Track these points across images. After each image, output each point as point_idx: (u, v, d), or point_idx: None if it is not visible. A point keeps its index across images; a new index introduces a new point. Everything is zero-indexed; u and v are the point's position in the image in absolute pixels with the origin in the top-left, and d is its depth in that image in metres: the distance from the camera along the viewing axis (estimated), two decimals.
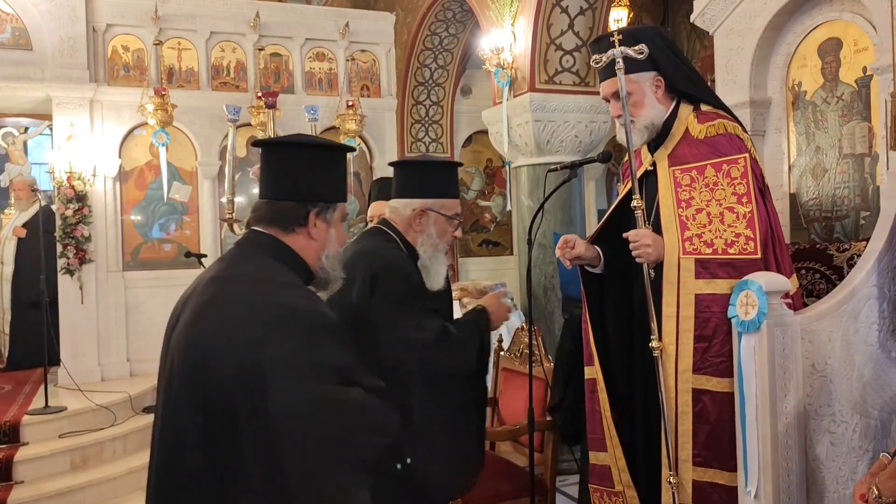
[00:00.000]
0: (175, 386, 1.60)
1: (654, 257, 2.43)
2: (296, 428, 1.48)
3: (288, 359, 1.50)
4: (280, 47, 7.80)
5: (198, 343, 1.58)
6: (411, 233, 2.49)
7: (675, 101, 2.54)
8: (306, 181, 1.75)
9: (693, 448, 2.39)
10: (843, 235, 3.12)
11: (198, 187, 7.43)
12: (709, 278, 2.37)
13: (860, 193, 3.07)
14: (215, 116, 7.17)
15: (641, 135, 2.52)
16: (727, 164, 2.40)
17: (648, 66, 2.46)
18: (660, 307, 2.44)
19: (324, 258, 1.79)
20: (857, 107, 3.06)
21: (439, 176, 2.56)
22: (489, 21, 6.05)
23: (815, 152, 3.25)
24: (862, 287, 2.46)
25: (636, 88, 2.47)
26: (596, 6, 5.52)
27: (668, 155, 2.54)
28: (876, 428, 2.46)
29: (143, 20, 7.14)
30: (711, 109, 2.53)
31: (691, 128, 2.50)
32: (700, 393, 2.38)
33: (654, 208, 2.55)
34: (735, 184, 2.38)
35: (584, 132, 5.62)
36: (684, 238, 2.43)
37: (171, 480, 1.58)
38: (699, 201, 2.43)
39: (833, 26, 3.12)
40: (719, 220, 2.39)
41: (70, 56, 6.76)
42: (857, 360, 2.44)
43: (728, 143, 2.43)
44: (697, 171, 2.46)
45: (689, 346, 2.40)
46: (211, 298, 1.63)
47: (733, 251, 2.35)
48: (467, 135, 8.76)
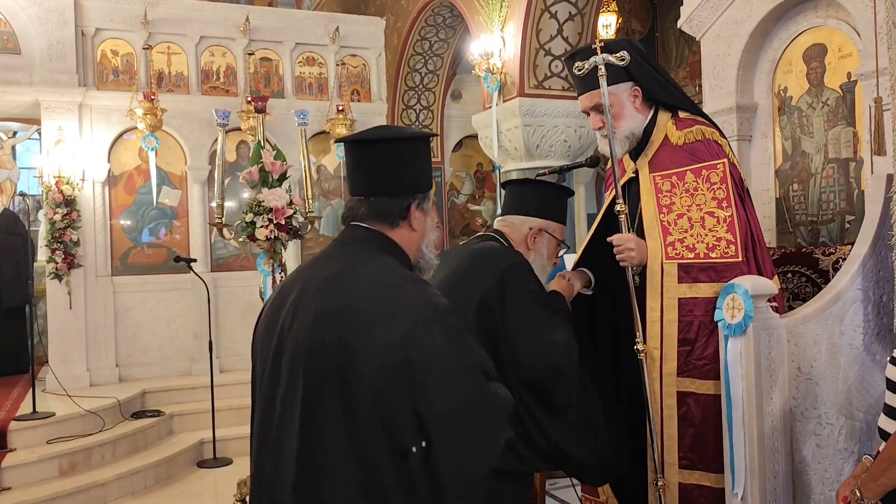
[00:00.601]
0: (310, 390, 1.55)
1: (637, 261, 2.46)
2: (456, 423, 1.54)
3: (443, 358, 1.54)
4: (270, 52, 7.80)
5: (342, 345, 1.53)
6: (523, 248, 2.52)
7: (654, 109, 2.58)
8: (403, 174, 1.74)
9: (678, 451, 2.41)
10: (829, 239, 3.15)
11: (187, 191, 7.42)
12: (691, 282, 2.41)
13: (845, 197, 3.10)
14: (205, 121, 7.16)
15: (623, 145, 2.56)
16: (706, 169, 2.44)
17: (625, 77, 2.50)
18: (644, 311, 2.47)
19: (424, 248, 1.81)
20: (842, 112, 3.10)
21: (558, 200, 2.63)
22: (479, 26, 6.08)
23: (801, 157, 3.28)
24: (847, 290, 2.49)
25: (615, 100, 2.51)
26: (585, 12, 5.55)
27: (649, 162, 2.58)
28: (861, 430, 2.49)
29: (133, 24, 7.13)
30: (689, 116, 2.57)
31: (670, 135, 2.54)
32: (685, 395, 2.41)
33: (638, 214, 2.58)
34: (715, 189, 2.42)
35: (573, 136, 5.65)
36: (667, 243, 2.46)
37: (314, 474, 1.55)
38: (680, 206, 2.47)
39: (818, 32, 3.15)
40: (700, 224, 2.42)
41: (59, 60, 6.74)
42: (842, 363, 2.47)
43: (706, 148, 2.47)
44: (678, 177, 2.49)
45: (674, 349, 2.43)
46: (342, 301, 1.59)
47: (715, 255, 2.39)
48: (458, 139, 8.78)
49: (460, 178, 8.87)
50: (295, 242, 5.75)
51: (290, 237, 4.14)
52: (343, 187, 8.07)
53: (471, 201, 8.90)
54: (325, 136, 7.82)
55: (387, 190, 1.73)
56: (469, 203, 8.90)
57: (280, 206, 4.00)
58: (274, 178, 4.11)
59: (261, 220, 4.00)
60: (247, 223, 4.05)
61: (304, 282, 1.70)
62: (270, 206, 4.00)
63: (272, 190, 4.05)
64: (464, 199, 8.86)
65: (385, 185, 1.73)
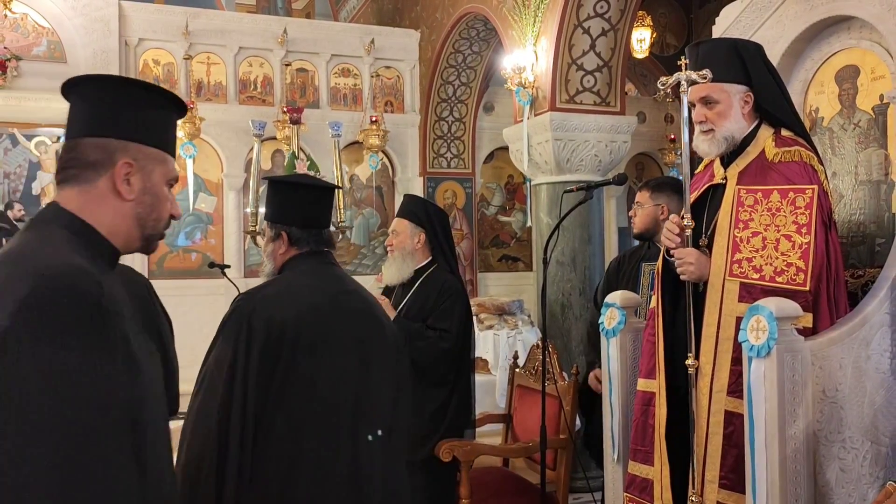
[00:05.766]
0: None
1: (696, 276, 2.44)
2: None
3: None
4: (306, 62, 7.94)
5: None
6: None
7: (758, 121, 2.53)
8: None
9: (721, 470, 2.39)
10: (858, 262, 3.13)
11: (223, 199, 7.58)
12: (751, 303, 2.35)
13: (875, 220, 3.08)
14: (241, 130, 7.32)
15: (719, 146, 2.50)
16: (794, 192, 2.37)
17: (743, 79, 2.46)
18: (700, 326, 2.45)
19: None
20: (873, 134, 3.08)
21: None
22: (512, 40, 6.13)
23: (832, 178, 3.26)
24: (875, 314, 2.47)
25: (725, 98, 2.46)
26: (618, 28, 5.57)
27: (739, 172, 2.52)
28: (887, 455, 2.46)
29: (174, 35, 7.32)
30: (791, 136, 2.51)
31: (767, 150, 2.47)
32: (732, 415, 2.38)
33: (714, 223, 2.53)
34: (798, 213, 2.35)
35: (603, 151, 5.66)
36: (733, 260, 2.42)
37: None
38: (758, 224, 2.41)
39: (850, 54, 3.14)
40: (774, 246, 2.36)
41: (103, 69, 6.94)
42: (868, 387, 2.45)
43: (801, 171, 2.40)
44: (763, 194, 2.43)
45: (727, 367, 2.40)
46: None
47: (781, 280, 2.33)
48: (489, 151, 8.83)
49: (491, 189, 8.91)
50: None
51: None
52: (374, 197, 8.17)
53: (501, 213, 8.94)
54: (357, 146, 7.93)
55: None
56: (499, 214, 8.93)
57: None
58: None
59: None
60: None
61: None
62: None
63: None
64: (494, 210, 8.90)
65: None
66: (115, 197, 1.31)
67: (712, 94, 2.45)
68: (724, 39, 2.45)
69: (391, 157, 8.27)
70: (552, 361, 3.63)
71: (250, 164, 6.90)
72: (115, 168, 1.31)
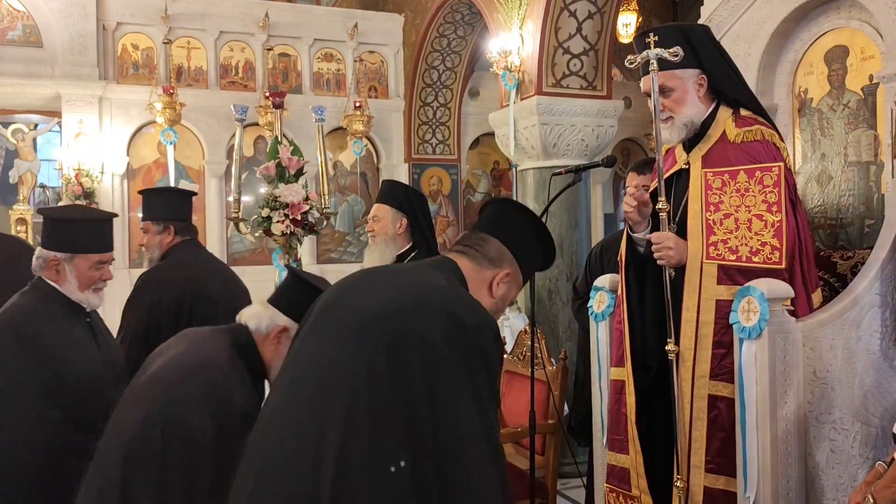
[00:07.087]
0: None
1: (675, 260, 2.42)
2: None
3: None
4: (289, 47, 7.84)
5: None
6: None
7: (715, 103, 2.52)
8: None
9: (706, 454, 2.38)
10: (848, 243, 3.12)
11: (204, 186, 7.48)
12: (730, 284, 2.36)
13: (865, 201, 3.07)
14: (223, 116, 7.22)
15: (680, 132, 2.50)
16: (760, 171, 2.37)
17: (694, 64, 2.44)
18: (679, 310, 2.44)
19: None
20: (863, 115, 3.06)
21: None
22: (497, 24, 6.07)
23: (821, 159, 3.24)
24: (865, 295, 2.46)
25: (679, 84, 2.45)
26: (604, 10, 5.52)
27: (703, 156, 2.51)
28: (877, 436, 2.46)
29: (153, 19, 7.19)
30: (751, 115, 2.50)
31: (728, 131, 2.47)
32: (716, 399, 2.37)
33: (682, 208, 2.52)
34: (766, 192, 2.35)
35: (590, 136, 5.63)
36: (709, 243, 2.41)
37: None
38: (728, 206, 2.41)
39: (840, 34, 3.12)
40: (747, 226, 2.37)
41: (80, 54, 6.82)
42: (858, 368, 2.45)
43: (764, 149, 2.40)
44: (730, 176, 2.43)
45: (708, 351, 2.39)
46: None
47: (757, 259, 2.33)
48: (475, 137, 8.79)
49: (476, 175, 8.87)
50: (310, 238, 5.78)
51: (306, 232, 4.16)
52: (359, 183, 8.10)
53: (487, 199, 8.90)
54: (341, 132, 7.85)
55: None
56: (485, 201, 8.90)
57: (296, 202, 4.01)
58: (290, 173, 4.12)
59: (277, 215, 4.02)
60: (263, 218, 4.07)
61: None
62: (287, 202, 4.01)
63: (288, 185, 4.06)
64: (480, 196, 8.86)
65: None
66: None
67: (667, 82, 2.44)
68: (670, 26, 2.44)
69: (375, 143, 8.19)
70: (540, 347, 3.61)
71: (232, 151, 6.80)
72: None
